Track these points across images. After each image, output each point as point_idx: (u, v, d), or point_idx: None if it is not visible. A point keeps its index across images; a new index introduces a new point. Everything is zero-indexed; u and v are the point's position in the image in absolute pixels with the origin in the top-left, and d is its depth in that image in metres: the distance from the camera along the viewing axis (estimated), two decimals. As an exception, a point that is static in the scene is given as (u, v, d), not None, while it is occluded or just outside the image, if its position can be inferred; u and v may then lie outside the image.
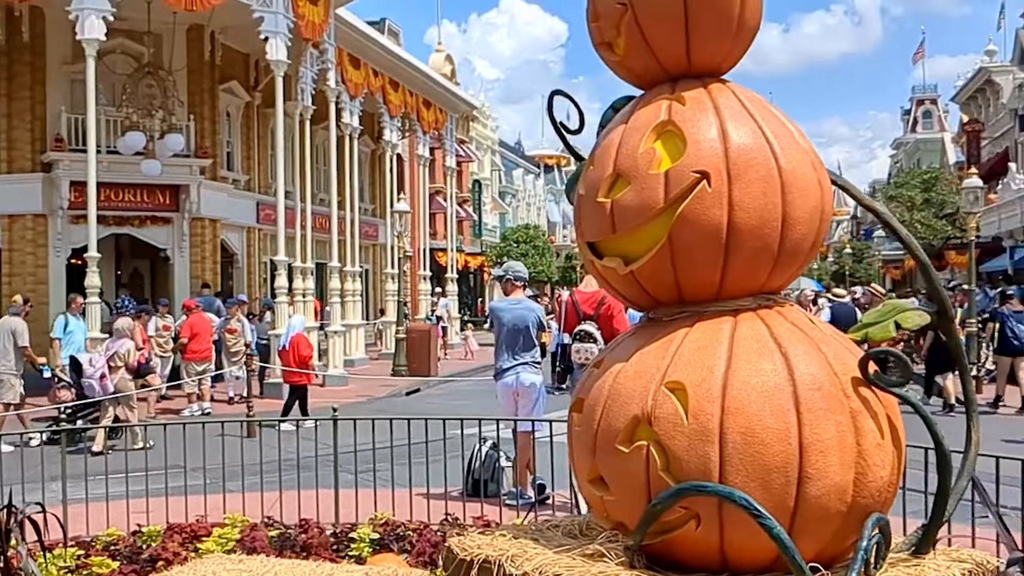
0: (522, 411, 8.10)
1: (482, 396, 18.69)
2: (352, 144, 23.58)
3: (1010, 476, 4.14)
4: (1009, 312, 14.51)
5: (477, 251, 48.19)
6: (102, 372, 11.78)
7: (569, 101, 3.09)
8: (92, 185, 16.09)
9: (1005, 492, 4.26)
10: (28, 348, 12.51)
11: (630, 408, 2.52)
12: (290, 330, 14.18)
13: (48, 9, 19.92)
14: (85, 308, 15.16)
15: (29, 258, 20.32)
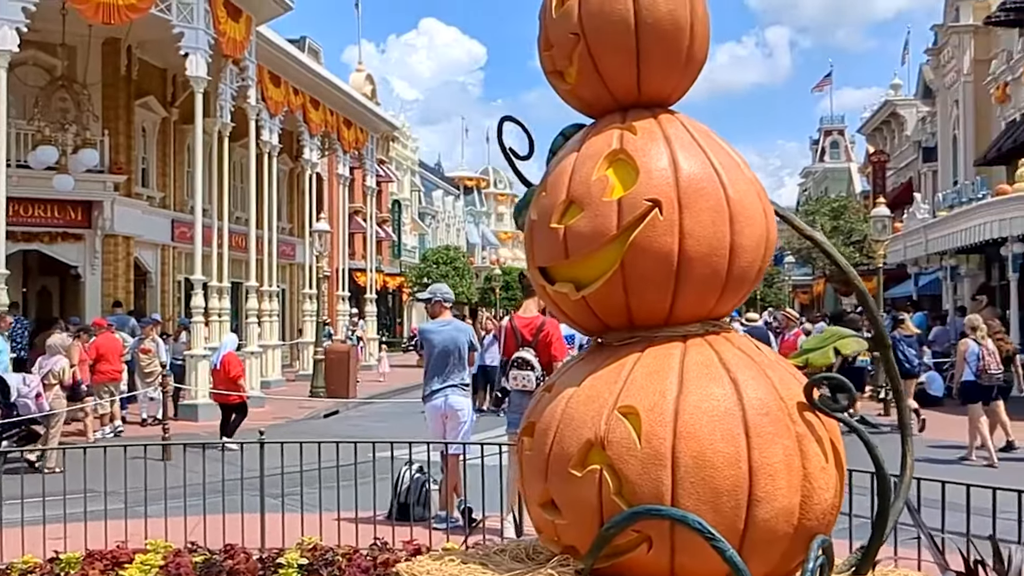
0: (450, 434, 8.09)
1: (402, 418, 18.59)
2: (271, 162, 23.32)
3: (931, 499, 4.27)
4: (900, 336, 14.99)
5: (396, 272, 47.98)
6: (37, 391, 11.56)
7: (519, 127, 3.12)
8: (1, 199, 15.59)
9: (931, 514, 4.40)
10: None
11: (583, 432, 2.55)
12: (222, 349, 13.99)
13: (-45, 18, 19.27)
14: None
15: (-71, 274, 19.59)
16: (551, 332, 7.69)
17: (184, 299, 25.39)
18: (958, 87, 34.69)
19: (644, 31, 2.70)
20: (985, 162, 30.25)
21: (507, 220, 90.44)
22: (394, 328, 49.22)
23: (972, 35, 33.81)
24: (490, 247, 77.34)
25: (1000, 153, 28.24)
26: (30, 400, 11.63)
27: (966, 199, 23.07)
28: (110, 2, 16.20)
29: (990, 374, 12.37)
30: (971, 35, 33.87)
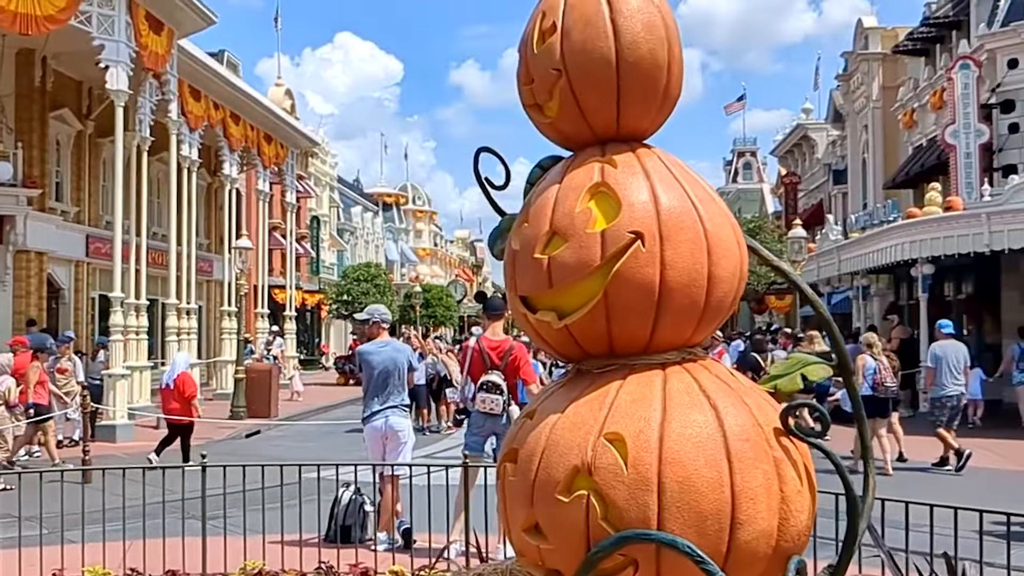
0: (390, 455, 8.09)
1: (326, 438, 18.43)
2: (190, 177, 22.94)
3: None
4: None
5: (315, 289, 47.48)
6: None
7: (496, 158, 3.18)
8: (-90, 214, 15.06)
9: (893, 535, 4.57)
10: None
11: (569, 459, 2.61)
12: (175, 367, 13.84)
13: None
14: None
15: None
16: (519, 356, 7.79)
17: (99, 316, 24.77)
18: (867, 112, 35.90)
19: (625, 69, 2.78)
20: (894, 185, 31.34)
21: (426, 237, 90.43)
22: (313, 346, 48.65)
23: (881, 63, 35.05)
24: (409, 264, 77.16)
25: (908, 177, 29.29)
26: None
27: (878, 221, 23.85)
28: (27, 13, 15.82)
29: (886, 387, 13.26)
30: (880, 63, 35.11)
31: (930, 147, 29.27)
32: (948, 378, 13.72)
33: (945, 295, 24.93)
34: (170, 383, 13.68)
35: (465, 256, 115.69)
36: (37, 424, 13.19)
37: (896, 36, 33.90)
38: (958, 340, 15.18)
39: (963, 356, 14.11)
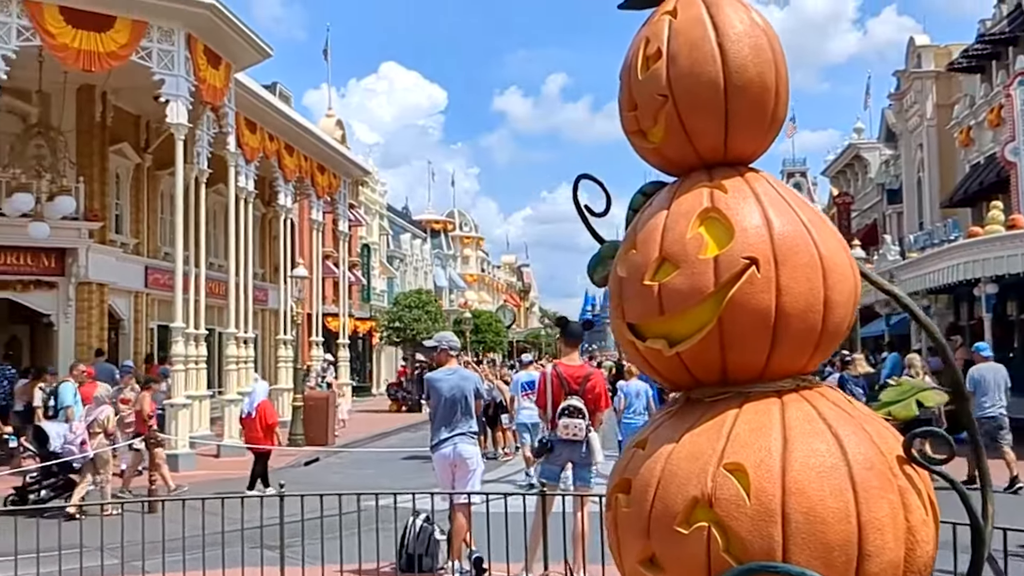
0: (459, 482, 8.04)
1: (383, 465, 18.45)
2: (247, 208, 23.24)
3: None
4: (848, 376, 15.25)
5: (366, 316, 47.77)
6: (83, 438, 11.89)
7: (597, 185, 3.15)
8: (-21, 248, 15.40)
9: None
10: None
11: (688, 489, 2.56)
12: (255, 396, 14.08)
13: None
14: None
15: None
16: (598, 383, 7.76)
17: (157, 346, 25.12)
18: (921, 131, 35.42)
19: (733, 93, 2.75)
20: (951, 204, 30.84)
21: (473, 263, 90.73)
22: (365, 373, 48.88)
23: (934, 81, 34.61)
24: (457, 290, 77.41)
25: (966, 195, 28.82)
26: (75, 447, 12.09)
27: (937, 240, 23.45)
28: (91, 50, 16.20)
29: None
30: (933, 81, 34.68)
31: (988, 164, 28.80)
32: (987, 399, 13.71)
33: (1008, 315, 24.44)
34: (251, 412, 13.92)
35: (512, 281, 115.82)
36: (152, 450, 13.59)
37: (950, 54, 33.49)
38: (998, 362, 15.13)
39: (1003, 378, 14.16)
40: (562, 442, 7.98)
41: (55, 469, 12.31)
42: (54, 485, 12.59)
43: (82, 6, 16.28)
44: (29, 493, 12.39)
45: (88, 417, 12.67)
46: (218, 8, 17.60)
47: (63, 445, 12.04)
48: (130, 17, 16.76)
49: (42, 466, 12.41)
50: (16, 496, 12.27)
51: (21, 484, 12.55)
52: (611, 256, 3.09)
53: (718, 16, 2.82)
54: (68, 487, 12.52)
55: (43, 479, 12.59)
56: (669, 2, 2.93)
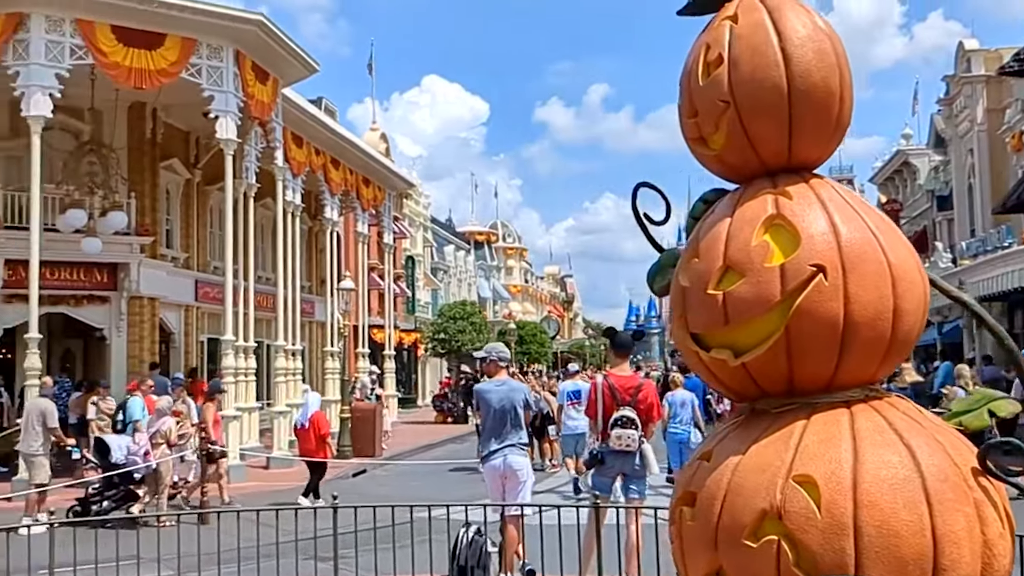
0: (510, 494, 8.01)
1: (431, 477, 18.46)
2: (294, 222, 23.47)
3: None
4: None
5: (411, 328, 47.98)
6: (146, 449, 12.23)
7: (657, 193, 3.12)
8: (35, 264, 15.71)
9: None
10: (57, 429, 12.89)
11: (756, 502, 2.51)
12: (308, 407, 14.31)
13: (-13, 85, 19.54)
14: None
15: (-42, 338, 19.70)
16: (650, 394, 7.70)
17: (207, 359, 25.42)
18: (972, 136, 34.88)
19: (797, 98, 2.71)
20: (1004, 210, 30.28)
21: (516, 274, 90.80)
22: (410, 385, 49.06)
23: (985, 85, 34.08)
24: (501, 301, 77.48)
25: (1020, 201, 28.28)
26: (139, 457, 12.47)
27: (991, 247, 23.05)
28: (142, 67, 16.47)
29: None
30: (984, 85, 34.14)
31: (1041, 169, 28.32)
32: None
33: (1065, 322, 23.98)
34: (305, 423, 14.10)
35: (555, 292, 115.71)
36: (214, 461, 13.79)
37: (1000, 57, 32.92)
38: None
39: None
40: (614, 453, 7.94)
41: (116, 480, 12.61)
42: (115, 496, 12.87)
43: (133, 24, 16.58)
44: (91, 504, 12.70)
45: (151, 428, 12.94)
46: (266, 24, 17.83)
47: (126, 456, 12.33)
48: (180, 35, 17.04)
49: (104, 476, 12.67)
50: (79, 507, 12.57)
51: (83, 495, 12.88)
52: (671, 265, 3.06)
53: (781, 21, 2.78)
54: (129, 498, 12.84)
55: (105, 490, 12.86)
56: (729, 7, 2.90)
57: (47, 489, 12.39)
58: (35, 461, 12.42)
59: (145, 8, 16.50)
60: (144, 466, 12.33)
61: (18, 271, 18.75)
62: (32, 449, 12.42)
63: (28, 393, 15.14)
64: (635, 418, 7.84)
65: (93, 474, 13.05)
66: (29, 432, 12.37)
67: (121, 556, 6.15)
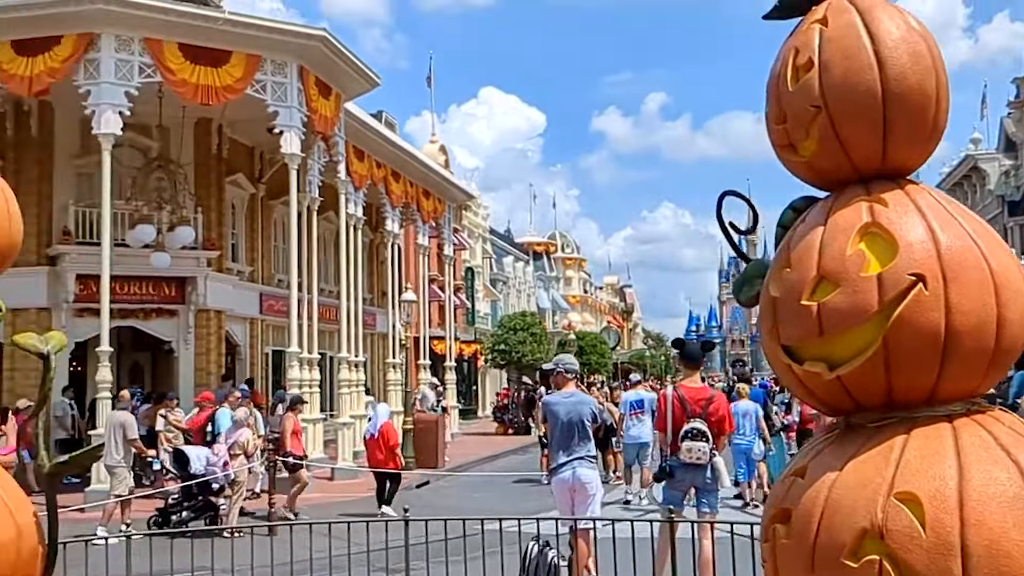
0: (579, 507, 7.94)
1: (493, 488, 18.43)
2: (356, 235, 23.67)
3: None
4: None
5: (471, 339, 48.07)
6: (224, 460, 12.52)
7: (743, 202, 3.05)
8: (106, 278, 16.01)
9: None
10: (137, 441, 13.24)
11: (855, 520, 2.42)
12: (378, 418, 14.59)
13: (58, 105, 20.07)
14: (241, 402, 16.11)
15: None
16: (721, 405, 7.60)
17: (271, 371, 25.73)
18: (1044, 139, 34.05)
19: (892, 102, 2.63)
20: (1078, 214, 29.48)
21: (576, 284, 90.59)
22: (471, 396, 49.15)
23: (1057, 86, 33.24)
24: (560, 311, 77.30)
25: (1095, 205, 27.50)
26: (218, 468, 12.59)
27: (1066, 253, 22.41)
28: (208, 84, 16.75)
29: None
30: (1055, 86, 33.31)
31: (1117, 172, 27.50)
32: None
33: None
34: (375, 433, 14.28)
35: (615, 302, 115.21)
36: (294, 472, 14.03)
37: (1072, 57, 32.15)
38: None
39: None
40: (684, 466, 7.84)
41: (195, 491, 12.87)
42: (194, 507, 13.15)
43: (199, 42, 16.88)
44: (171, 514, 12.99)
45: (228, 439, 13.17)
46: (329, 40, 18.03)
47: (205, 467, 12.57)
48: (245, 51, 17.31)
49: (183, 486, 12.93)
50: (159, 517, 12.87)
51: (163, 506, 13.18)
52: (757, 275, 2.99)
53: (873, 23, 2.70)
54: (207, 509, 13.12)
55: (184, 501, 13.10)
56: (818, 10, 2.82)
57: (127, 499, 12.66)
58: (117, 472, 12.72)
59: (211, 26, 16.81)
60: (223, 475, 12.56)
61: (89, 286, 19.16)
62: (114, 461, 12.70)
63: (99, 406, 15.43)
64: (706, 430, 7.74)
65: (172, 484, 13.39)
66: (110, 444, 12.64)
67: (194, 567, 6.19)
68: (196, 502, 13.04)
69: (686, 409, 7.84)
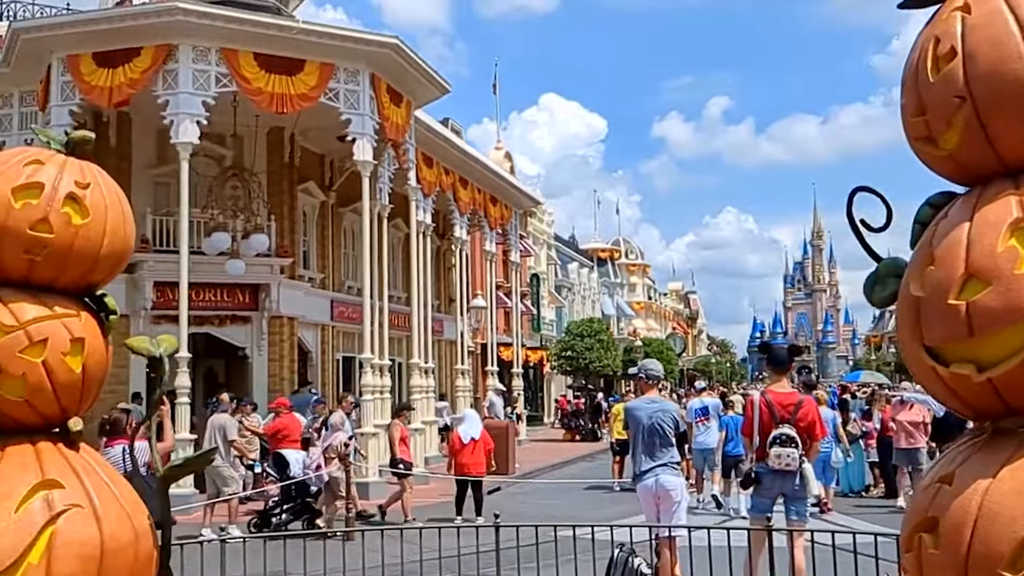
0: (664, 515, 7.82)
1: (566, 495, 18.35)
2: (425, 242, 23.78)
3: None
4: None
5: (536, 345, 48.03)
6: (318, 463, 12.77)
7: (877, 198, 2.94)
8: (184, 286, 16.27)
9: None
10: (238, 441, 13.55)
11: (1016, 529, 2.30)
12: (474, 422, 14.84)
13: (135, 115, 20.46)
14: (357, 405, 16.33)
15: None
16: (811, 411, 7.43)
17: (342, 377, 25.94)
18: None
19: (1044, 91, 2.50)
20: None
21: (640, 290, 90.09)
22: (537, 403, 49.09)
23: None
24: (625, 318, 76.91)
25: None
26: (311, 472, 12.75)
27: None
28: (283, 93, 16.97)
29: None
30: None
31: None
32: None
33: None
34: (475, 437, 14.43)
35: (679, 308, 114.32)
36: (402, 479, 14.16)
37: None
38: None
39: None
40: (772, 473, 7.68)
41: (293, 493, 13.12)
42: (292, 509, 13.41)
43: (274, 51, 17.11)
44: (271, 517, 13.26)
45: (323, 443, 13.39)
46: (400, 47, 18.15)
47: (303, 470, 12.81)
48: (318, 60, 17.50)
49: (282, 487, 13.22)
50: (258, 520, 13.14)
51: (263, 508, 13.46)
52: (890, 275, 2.87)
53: (1020, 9, 2.57)
54: (305, 511, 13.39)
55: (283, 503, 13.35)
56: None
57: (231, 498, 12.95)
58: (221, 473, 13.02)
59: (285, 35, 17.03)
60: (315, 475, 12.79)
61: (166, 293, 19.50)
62: (217, 463, 12.97)
63: (178, 412, 15.67)
64: (795, 436, 7.57)
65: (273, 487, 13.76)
66: (213, 446, 12.89)
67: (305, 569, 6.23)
68: (295, 504, 13.27)
69: (774, 414, 7.69)
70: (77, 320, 3.44)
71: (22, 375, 3.22)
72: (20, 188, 3.33)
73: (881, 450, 16.61)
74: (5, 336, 3.23)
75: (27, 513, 3.07)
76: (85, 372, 3.41)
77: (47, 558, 3.05)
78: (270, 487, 13.84)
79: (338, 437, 13.19)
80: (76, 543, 3.10)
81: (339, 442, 13.10)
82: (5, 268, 3.36)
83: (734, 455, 14.91)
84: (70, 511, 3.14)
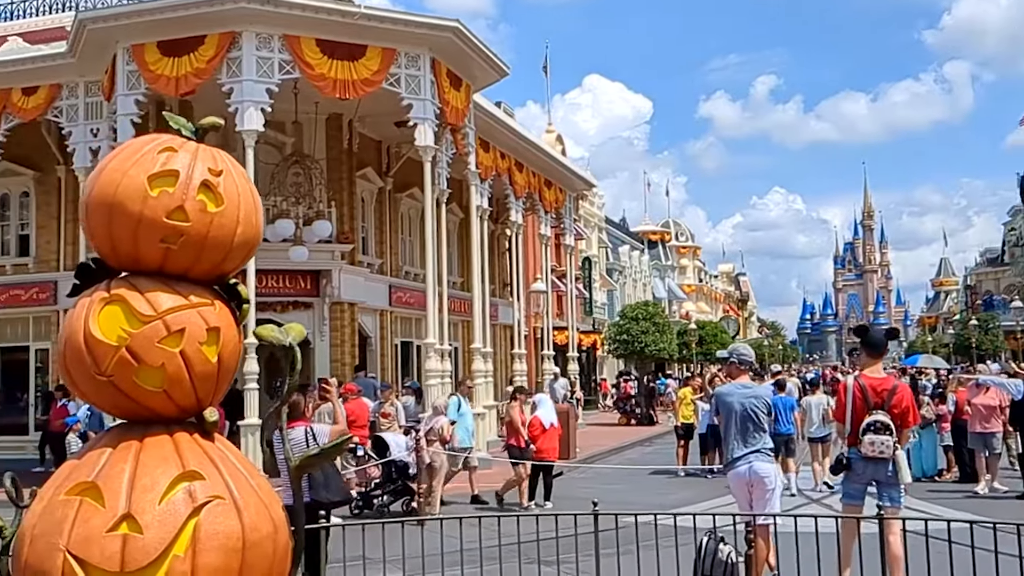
0: (757, 503, 7.69)
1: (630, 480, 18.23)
2: (483, 226, 23.73)
3: None
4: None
5: (589, 329, 47.87)
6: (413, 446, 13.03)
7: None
8: (251, 272, 16.40)
9: None
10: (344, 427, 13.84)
11: None
12: (549, 407, 14.97)
13: (197, 103, 20.55)
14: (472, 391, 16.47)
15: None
16: (905, 397, 7.27)
17: (401, 362, 26.03)
18: None
19: None
20: None
21: (690, 273, 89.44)
22: (590, 386, 48.98)
23: None
24: (676, 301, 76.44)
25: None
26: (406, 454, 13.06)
27: None
28: (346, 78, 16.98)
29: None
30: None
31: None
32: None
33: None
34: (554, 422, 14.56)
35: (729, 291, 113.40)
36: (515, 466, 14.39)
37: None
38: None
39: None
40: (864, 460, 7.52)
41: (395, 475, 13.23)
42: (393, 490, 13.69)
43: (336, 37, 17.10)
44: (373, 499, 13.62)
45: (425, 426, 13.54)
46: (461, 31, 18.05)
47: (400, 452, 13.06)
48: (380, 45, 17.45)
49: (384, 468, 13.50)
50: (360, 501, 13.33)
51: (364, 490, 13.65)
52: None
53: None
54: (405, 493, 13.67)
55: (384, 484, 13.71)
56: None
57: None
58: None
59: (348, 21, 17.00)
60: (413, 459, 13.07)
61: (230, 280, 19.68)
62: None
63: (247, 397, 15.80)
64: (889, 423, 7.40)
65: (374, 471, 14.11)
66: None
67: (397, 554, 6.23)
68: (396, 485, 13.47)
69: (867, 400, 7.51)
70: (212, 309, 3.41)
71: (161, 365, 3.19)
72: (156, 176, 3.30)
73: (956, 434, 16.28)
74: (143, 326, 3.21)
75: (171, 505, 3.04)
76: (220, 362, 3.38)
77: (192, 550, 3.02)
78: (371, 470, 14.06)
79: (440, 421, 13.31)
80: (220, 535, 3.06)
81: (440, 425, 13.23)
82: (140, 257, 3.32)
83: (784, 434, 14.96)
84: (212, 503, 3.11)
